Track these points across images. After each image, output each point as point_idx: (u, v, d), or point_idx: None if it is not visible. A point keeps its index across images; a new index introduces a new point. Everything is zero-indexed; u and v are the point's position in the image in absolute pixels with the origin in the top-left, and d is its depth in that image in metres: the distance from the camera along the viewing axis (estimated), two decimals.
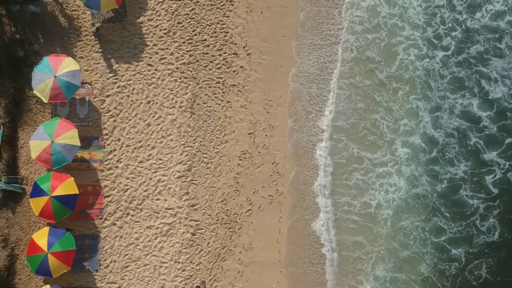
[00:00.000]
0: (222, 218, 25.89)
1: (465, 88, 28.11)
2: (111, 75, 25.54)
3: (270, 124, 27.10)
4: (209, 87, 26.65)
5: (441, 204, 27.09)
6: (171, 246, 25.17)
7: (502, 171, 27.42)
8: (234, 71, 27.07)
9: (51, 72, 23.28)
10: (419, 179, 27.31)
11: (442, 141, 27.66)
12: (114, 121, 25.43)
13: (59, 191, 22.88)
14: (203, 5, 26.93)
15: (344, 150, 27.26)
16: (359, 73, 27.80)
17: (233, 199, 26.26)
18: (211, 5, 27.05)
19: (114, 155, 25.31)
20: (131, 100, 25.71)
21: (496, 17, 28.69)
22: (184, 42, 26.55)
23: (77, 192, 23.31)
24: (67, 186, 23.17)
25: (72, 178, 23.40)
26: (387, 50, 28.07)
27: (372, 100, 27.62)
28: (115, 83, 25.59)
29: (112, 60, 25.63)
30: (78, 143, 23.46)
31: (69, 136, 23.36)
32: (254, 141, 26.87)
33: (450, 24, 28.56)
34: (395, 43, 28.19)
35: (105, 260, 24.66)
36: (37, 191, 23.02)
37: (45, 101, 23.51)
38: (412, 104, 27.78)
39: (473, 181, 27.35)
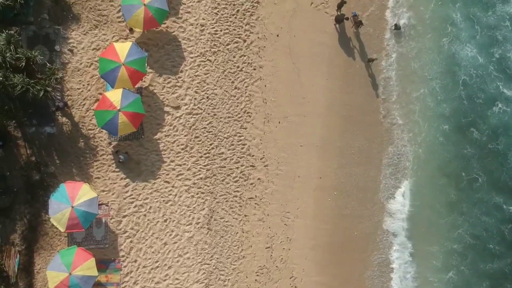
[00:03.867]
0: None
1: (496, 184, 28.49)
2: (128, 194, 25.22)
3: (287, 237, 26.79)
4: (226, 201, 26.31)
5: None
6: None
7: None
8: (251, 184, 26.74)
9: (68, 202, 22.83)
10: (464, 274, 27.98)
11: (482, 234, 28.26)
12: (131, 242, 25.04)
13: None
14: (221, 117, 26.59)
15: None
16: None
17: None
18: (229, 117, 26.74)
19: (131, 277, 24.90)
20: (148, 219, 25.32)
21: None
22: (201, 157, 26.21)
23: None
24: None
25: None
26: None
27: None
28: (132, 202, 25.21)
29: (129, 179, 25.32)
30: (96, 273, 23.04)
31: (87, 266, 22.92)
32: (271, 255, 26.55)
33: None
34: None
35: None
36: None
37: (62, 230, 23.00)
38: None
39: None
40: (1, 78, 21.03)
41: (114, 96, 23.89)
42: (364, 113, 28.14)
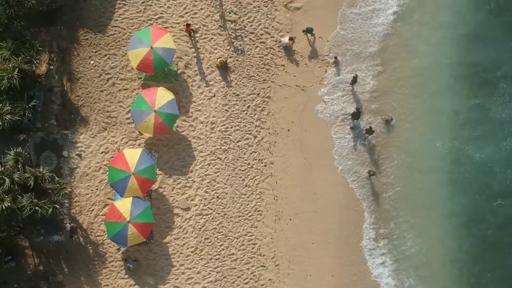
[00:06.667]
0: None
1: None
2: None
3: None
4: None
5: None
6: None
7: None
8: (262, 285, 26.15)
9: None
10: None
11: None
12: None
13: None
14: (231, 217, 26.07)
15: None
16: None
17: None
18: (239, 216, 26.21)
19: None
20: None
21: None
22: (211, 259, 25.66)
23: None
24: None
25: None
26: None
27: None
28: None
29: (138, 286, 24.74)
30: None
31: None
32: None
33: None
34: None
35: None
36: None
37: None
38: None
39: None
40: (9, 204, 20.56)
41: (124, 206, 23.40)
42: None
